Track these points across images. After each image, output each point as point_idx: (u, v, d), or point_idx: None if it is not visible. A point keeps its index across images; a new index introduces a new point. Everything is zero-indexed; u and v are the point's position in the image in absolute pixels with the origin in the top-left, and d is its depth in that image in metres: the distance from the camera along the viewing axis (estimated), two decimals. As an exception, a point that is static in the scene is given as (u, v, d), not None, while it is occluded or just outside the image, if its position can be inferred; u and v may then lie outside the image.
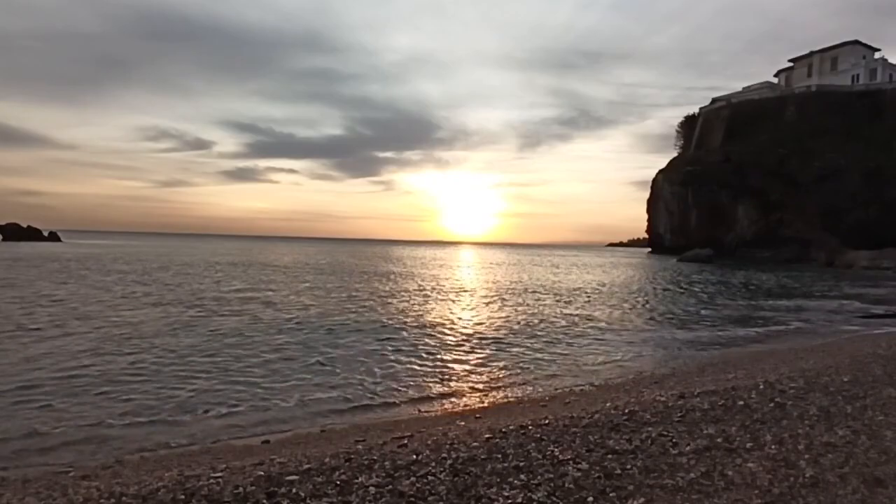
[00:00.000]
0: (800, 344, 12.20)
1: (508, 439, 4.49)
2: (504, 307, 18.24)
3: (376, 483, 3.55)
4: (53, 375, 8.03)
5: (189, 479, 3.71)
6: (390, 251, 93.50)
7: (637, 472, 3.74)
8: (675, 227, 77.11)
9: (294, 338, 11.62)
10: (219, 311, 15.17)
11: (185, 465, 4.43)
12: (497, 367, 9.58)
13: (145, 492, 3.49)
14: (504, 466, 3.86)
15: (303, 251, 77.36)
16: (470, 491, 3.43)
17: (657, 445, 4.29)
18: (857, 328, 15.00)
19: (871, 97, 66.75)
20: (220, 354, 9.80)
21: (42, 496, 3.71)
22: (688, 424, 4.87)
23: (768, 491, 3.41)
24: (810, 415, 5.15)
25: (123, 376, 8.14)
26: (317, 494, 3.38)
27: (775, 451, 4.13)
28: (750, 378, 7.06)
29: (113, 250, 56.99)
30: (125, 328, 12.05)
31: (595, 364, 10.11)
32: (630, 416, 5.16)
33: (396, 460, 4.00)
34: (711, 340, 13.12)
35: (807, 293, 25.89)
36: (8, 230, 69.54)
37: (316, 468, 3.86)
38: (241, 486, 3.50)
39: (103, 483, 3.97)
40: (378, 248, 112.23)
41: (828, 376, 6.94)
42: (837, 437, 4.49)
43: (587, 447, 4.26)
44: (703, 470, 3.77)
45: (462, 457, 4.06)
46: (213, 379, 8.17)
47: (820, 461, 3.93)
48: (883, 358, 8.35)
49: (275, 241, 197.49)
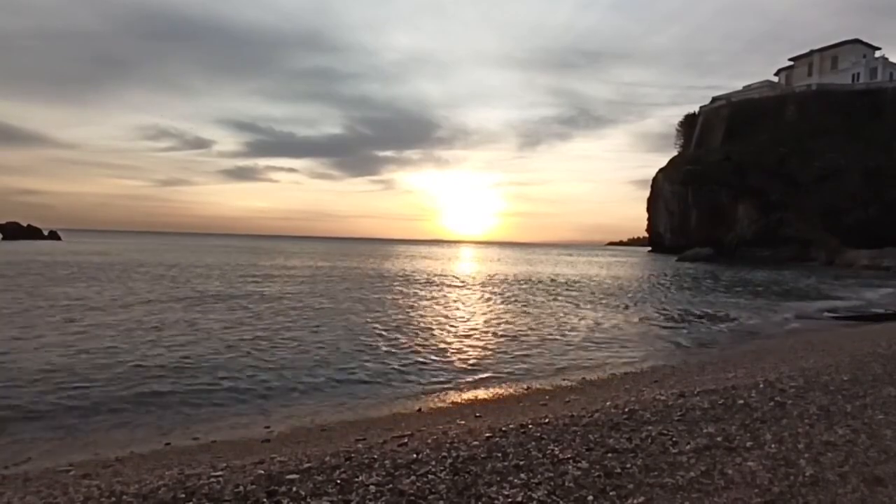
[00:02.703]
0: (801, 343, 12.19)
1: (508, 438, 4.49)
2: (503, 306, 18.24)
3: (377, 482, 3.55)
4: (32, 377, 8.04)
5: (189, 478, 3.71)
6: (390, 250, 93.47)
7: (637, 470, 3.74)
8: (675, 226, 77.05)
9: (294, 337, 11.62)
10: (215, 304, 15.17)
11: (185, 464, 4.43)
12: (497, 366, 9.59)
13: (146, 490, 3.49)
14: (504, 465, 3.86)
15: (305, 250, 77.33)
16: (470, 490, 3.43)
17: (657, 444, 4.29)
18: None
19: (871, 96, 66.70)
20: (220, 353, 9.80)
21: (43, 495, 3.71)
22: (688, 423, 4.87)
23: (768, 490, 3.41)
24: (810, 413, 5.15)
25: (123, 376, 8.15)
26: (317, 493, 3.38)
27: (775, 450, 4.13)
28: (750, 377, 7.06)
29: (128, 254, 56.90)
30: (123, 327, 12.05)
31: (595, 363, 10.11)
32: (630, 415, 5.16)
33: (397, 459, 4.00)
34: (711, 339, 13.12)
35: (810, 293, 25.89)
36: (8, 229, 69.60)
37: (316, 467, 3.86)
38: (241, 485, 3.50)
39: (104, 482, 3.97)
40: (378, 248, 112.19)
41: (828, 375, 6.94)
42: (837, 435, 4.49)
43: (587, 446, 4.26)
44: (703, 469, 3.77)
45: (462, 455, 4.06)
46: (211, 378, 8.17)
47: (820, 460, 3.93)
48: (883, 357, 8.35)
49: (275, 240, 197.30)
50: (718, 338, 13.37)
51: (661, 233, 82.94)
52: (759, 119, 70.61)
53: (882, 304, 21.00)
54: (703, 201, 71.16)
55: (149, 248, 63.46)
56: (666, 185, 79.44)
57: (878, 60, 70.86)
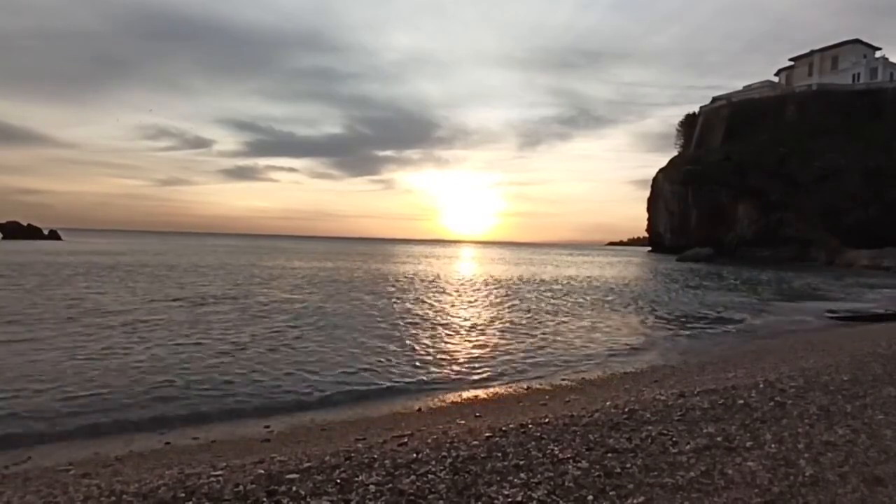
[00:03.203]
0: (801, 343, 12.19)
1: (508, 438, 4.49)
2: (502, 306, 18.23)
3: (376, 481, 3.55)
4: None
5: (189, 478, 3.71)
6: (390, 250, 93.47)
7: (637, 470, 3.74)
8: (675, 226, 77.04)
9: (294, 337, 11.62)
10: (216, 304, 15.17)
11: (185, 464, 4.43)
12: (497, 365, 9.59)
13: (146, 490, 3.49)
14: (504, 465, 3.86)
15: (306, 250, 77.33)
16: (470, 489, 3.43)
17: (657, 444, 4.29)
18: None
19: (871, 96, 66.70)
20: (220, 353, 9.80)
21: (43, 494, 3.71)
22: (688, 423, 4.87)
23: (768, 490, 3.41)
24: (810, 413, 5.15)
25: (123, 375, 8.15)
26: (317, 493, 3.38)
27: (775, 450, 4.13)
28: (750, 377, 7.06)
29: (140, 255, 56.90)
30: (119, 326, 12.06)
31: (595, 362, 10.11)
32: (630, 415, 5.16)
33: (397, 459, 4.00)
34: (711, 339, 13.12)
35: (811, 293, 25.89)
36: (8, 228, 69.60)
37: (316, 466, 3.86)
38: (241, 485, 3.50)
39: (104, 481, 3.97)
40: (378, 248, 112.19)
41: (828, 375, 6.94)
42: (837, 435, 4.49)
43: (587, 446, 4.26)
44: (702, 469, 3.77)
45: (462, 455, 4.06)
46: (211, 377, 8.17)
47: (820, 460, 3.93)
48: (883, 357, 8.35)
49: (275, 239, 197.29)
50: (718, 338, 13.37)
51: (661, 233, 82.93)
52: (760, 119, 70.60)
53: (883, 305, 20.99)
54: (703, 201, 71.15)
55: (149, 248, 63.47)
56: (666, 185, 79.44)
57: (878, 60, 70.85)
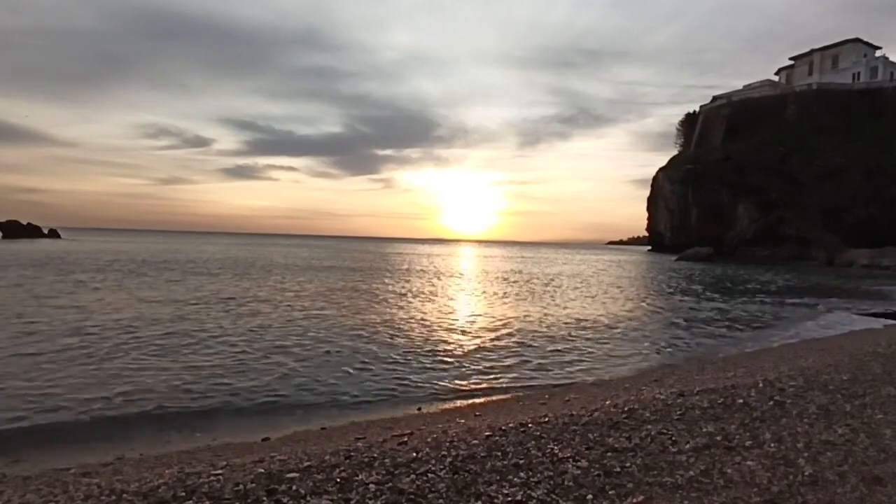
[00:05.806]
0: (800, 342, 12.20)
1: (508, 437, 4.50)
2: (502, 305, 18.24)
3: (376, 480, 3.55)
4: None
5: (190, 477, 3.72)
6: (390, 249, 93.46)
7: (636, 469, 3.75)
8: (676, 225, 77.07)
9: (293, 336, 11.62)
10: (216, 309, 15.18)
11: (185, 463, 4.43)
12: (496, 364, 9.59)
13: (146, 489, 3.49)
14: (504, 464, 3.86)
15: (305, 249, 77.33)
16: (470, 488, 3.43)
17: (657, 443, 4.29)
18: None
19: (871, 95, 66.73)
20: (220, 353, 9.81)
21: (43, 493, 3.71)
22: (687, 422, 4.88)
23: (767, 489, 3.42)
24: (809, 413, 5.16)
25: (123, 375, 8.15)
26: (317, 492, 3.39)
27: (774, 450, 4.13)
28: (749, 376, 7.06)
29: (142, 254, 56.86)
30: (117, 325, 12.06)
31: (594, 362, 10.12)
32: (629, 414, 5.16)
33: (396, 458, 4.00)
34: (711, 338, 13.13)
35: (810, 293, 25.89)
36: (8, 228, 69.55)
37: (316, 465, 3.86)
38: (241, 484, 3.51)
39: (104, 480, 3.97)
40: (378, 246, 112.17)
41: (827, 374, 6.95)
42: (836, 435, 4.49)
43: (587, 445, 4.27)
44: (702, 468, 3.77)
45: (462, 454, 4.06)
46: (211, 376, 8.18)
47: (819, 459, 3.93)
48: (882, 356, 8.35)
49: (274, 238, 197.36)
50: (718, 337, 13.38)
51: (662, 232, 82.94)
52: (760, 118, 70.62)
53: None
54: (703, 200, 71.18)
55: (150, 247, 63.44)
56: (666, 183, 79.45)
57: (878, 60, 70.85)
